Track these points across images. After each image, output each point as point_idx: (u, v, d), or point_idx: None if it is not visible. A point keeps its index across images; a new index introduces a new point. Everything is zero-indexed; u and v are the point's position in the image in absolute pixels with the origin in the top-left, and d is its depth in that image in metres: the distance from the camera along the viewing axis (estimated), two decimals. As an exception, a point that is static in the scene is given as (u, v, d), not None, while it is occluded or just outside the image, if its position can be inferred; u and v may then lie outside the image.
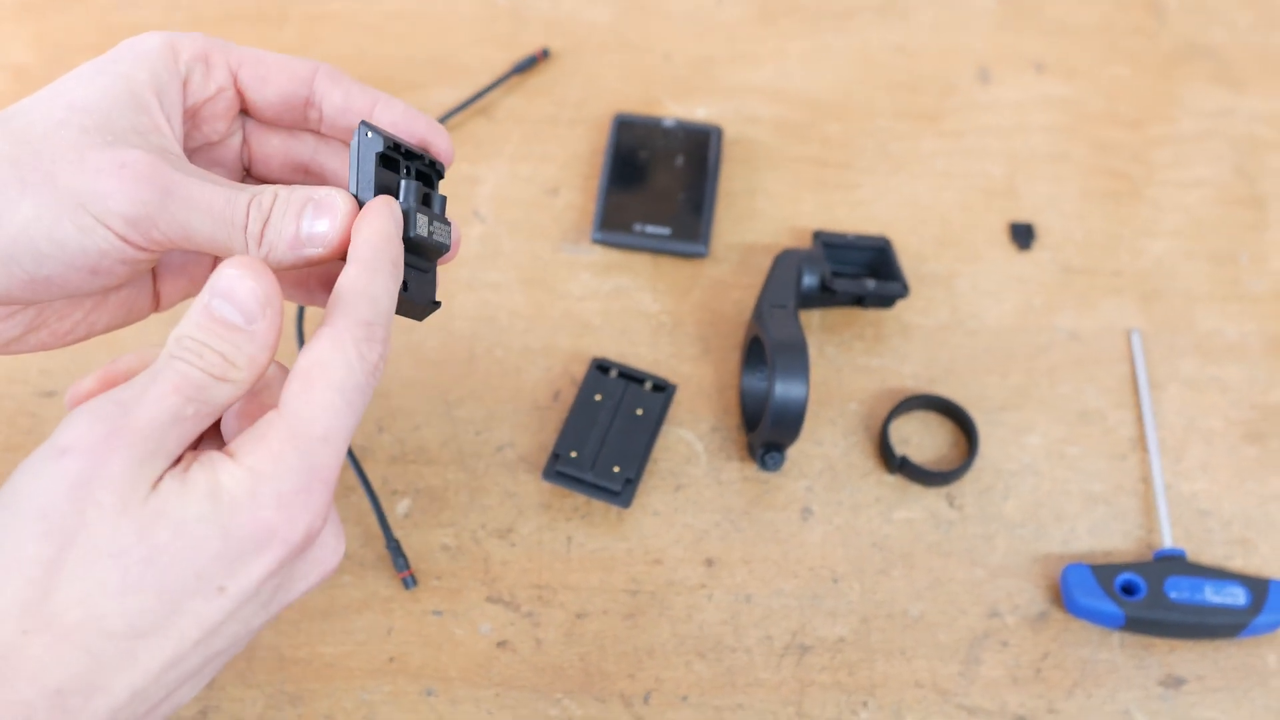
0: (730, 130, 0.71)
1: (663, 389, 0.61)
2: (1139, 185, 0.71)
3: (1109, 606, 0.56)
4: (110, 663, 0.33)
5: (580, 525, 0.59)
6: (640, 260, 0.67)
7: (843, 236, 0.66)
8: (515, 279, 0.66)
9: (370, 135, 0.40)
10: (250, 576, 0.34)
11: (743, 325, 0.65)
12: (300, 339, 0.62)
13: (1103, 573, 0.57)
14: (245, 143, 0.45)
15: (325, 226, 0.38)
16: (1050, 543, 0.60)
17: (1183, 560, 0.58)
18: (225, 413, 0.39)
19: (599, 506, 0.59)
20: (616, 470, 0.58)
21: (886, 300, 0.63)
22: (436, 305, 0.43)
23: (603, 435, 0.59)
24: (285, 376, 0.37)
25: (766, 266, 0.66)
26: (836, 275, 0.65)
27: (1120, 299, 0.67)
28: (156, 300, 0.44)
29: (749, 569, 0.58)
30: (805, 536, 0.59)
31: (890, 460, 0.60)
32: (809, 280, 0.62)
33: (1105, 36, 0.76)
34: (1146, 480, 0.61)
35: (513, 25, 0.75)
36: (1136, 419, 0.63)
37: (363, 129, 0.40)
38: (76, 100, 0.38)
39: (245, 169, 0.45)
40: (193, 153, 0.44)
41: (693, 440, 0.61)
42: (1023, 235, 0.68)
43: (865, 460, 0.61)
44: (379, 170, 0.40)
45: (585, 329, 0.64)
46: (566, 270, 0.66)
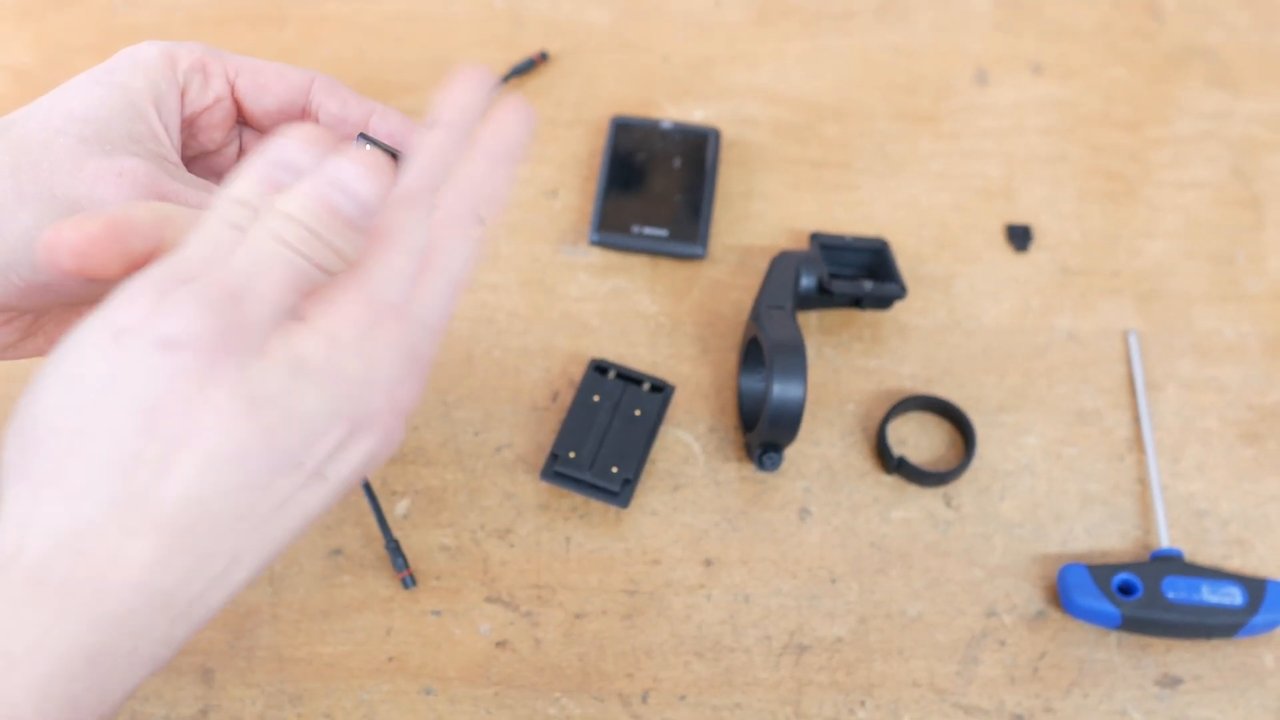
0: (728, 132, 0.71)
1: (661, 390, 0.61)
2: (1136, 186, 0.71)
3: (1106, 606, 0.56)
4: (213, 563, 0.32)
5: (579, 525, 0.59)
6: (638, 262, 0.67)
7: (840, 238, 0.66)
8: (514, 280, 0.66)
9: (369, 148, 0.40)
10: (352, 459, 0.33)
11: (740, 326, 0.65)
12: None
13: (1100, 573, 0.57)
14: (242, 152, 0.45)
15: None
16: (1048, 543, 0.60)
17: (1180, 560, 0.58)
18: None
19: (597, 507, 0.60)
20: (615, 471, 0.58)
21: (884, 301, 0.63)
22: None
23: (601, 436, 0.59)
24: None
25: (764, 268, 0.66)
26: (834, 277, 0.65)
27: (1118, 300, 0.67)
28: None
29: (747, 569, 0.58)
30: (803, 536, 0.59)
31: (888, 461, 0.60)
32: (807, 282, 0.62)
33: (1103, 38, 0.77)
34: (1144, 481, 0.62)
35: (511, 27, 0.75)
36: (1134, 419, 0.63)
37: (361, 141, 0.40)
38: (75, 109, 0.38)
39: None
40: (190, 161, 0.44)
41: (691, 441, 0.62)
42: (1020, 236, 0.69)
43: (863, 461, 0.62)
44: None
45: (583, 330, 0.65)
46: (565, 272, 0.66)
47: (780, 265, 0.62)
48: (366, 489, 0.58)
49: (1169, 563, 0.57)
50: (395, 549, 0.57)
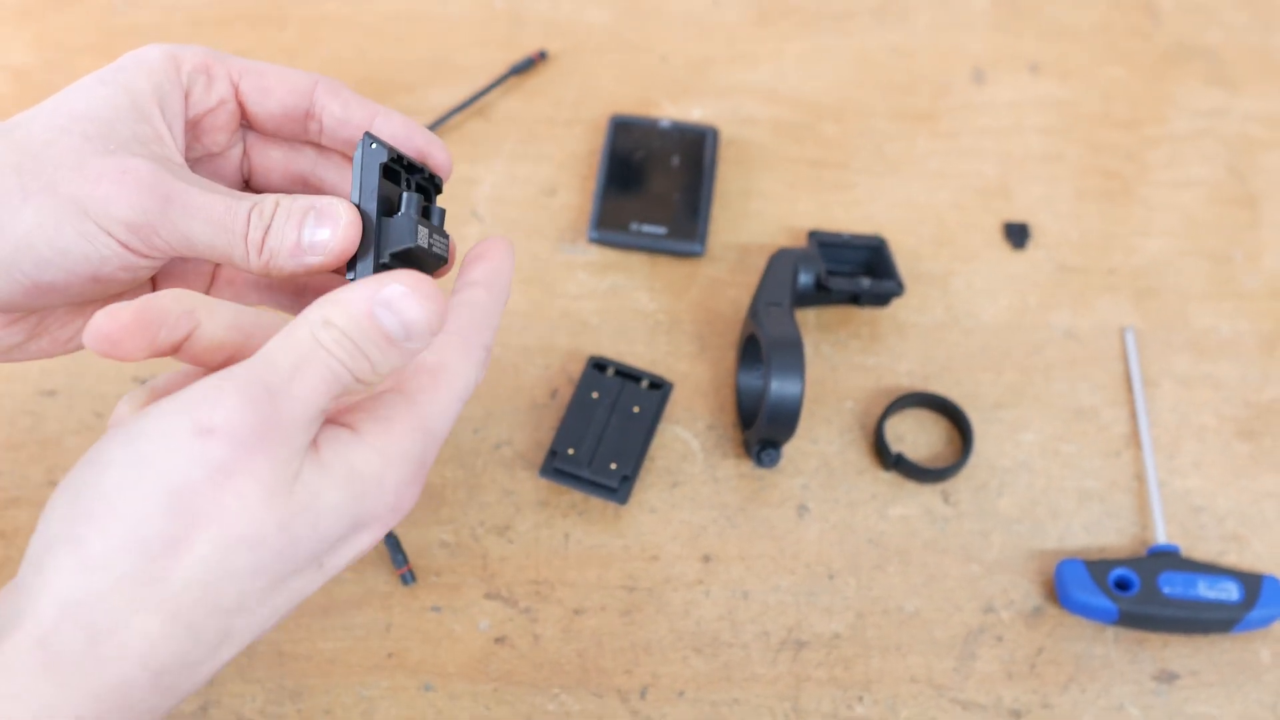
0: (727, 131, 0.72)
1: (659, 387, 0.62)
2: (1133, 185, 0.71)
3: (1103, 602, 0.56)
4: (209, 641, 0.33)
5: (578, 522, 0.59)
6: (637, 260, 0.67)
7: (838, 236, 0.66)
8: (513, 278, 0.66)
9: (374, 146, 0.40)
10: (349, 553, 0.35)
11: (739, 324, 0.65)
12: None
13: (1097, 568, 0.57)
14: (246, 155, 0.45)
15: (326, 235, 0.39)
16: (1045, 539, 0.60)
17: (1176, 556, 0.58)
18: None
19: (596, 503, 0.60)
20: (613, 467, 0.59)
21: (882, 299, 0.64)
22: None
23: (600, 433, 0.60)
24: None
25: (762, 266, 0.67)
26: (832, 274, 0.65)
27: (1115, 297, 0.67)
28: None
29: (745, 565, 0.59)
30: (801, 533, 0.60)
31: (886, 457, 0.61)
32: (805, 279, 0.62)
33: (1100, 37, 0.77)
34: (1140, 477, 0.62)
35: (510, 27, 0.75)
36: (1130, 416, 0.63)
37: (367, 140, 0.40)
38: (79, 110, 0.39)
39: (245, 181, 0.46)
40: (194, 164, 0.44)
41: (689, 438, 0.62)
42: (1017, 234, 0.69)
43: (861, 457, 0.62)
44: (381, 182, 0.40)
45: (582, 328, 0.65)
46: (564, 269, 0.67)
47: (778, 263, 0.62)
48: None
49: (1166, 558, 0.58)
50: (395, 545, 0.57)
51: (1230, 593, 0.56)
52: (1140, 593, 0.56)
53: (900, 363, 0.65)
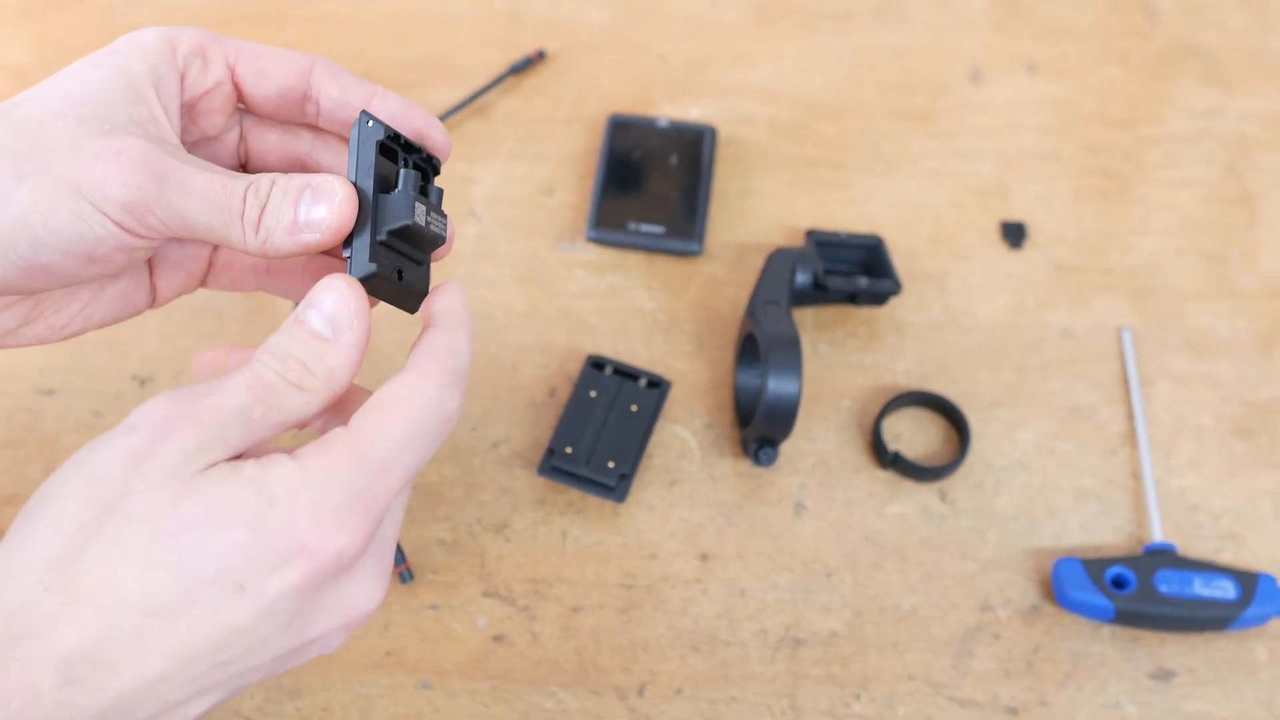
0: (725, 130, 0.72)
1: (657, 385, 0.62)
2: (1130, 184, 0.72)
3: (1100, 600, 0.56)
4: (119, 637, 0.32)
5: (575, 520, 0.59)
6: (635, 259, 0.67)
7: (835, 235, 0.66)
8: (511, 277, 0.66)
9: (371, 124, 0.40)
10: (271, 585, 0.34)
11: (736, 323, 0.65)
12: None
13: (1093, 566, 0.57)
14: (242, 138, 0.45)
15: (323, 212, 0.38)
16: (1041, 537, 0.60)
17: (1172, 554, 0.58)
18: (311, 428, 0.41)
19: (594, 502, 0.60)
20: (611, 466, 0.59)
21: (879, 298, 0.64)
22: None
23: (598, 431, 0.60)
24: None
25: (760, 265, 0.67)
26: (829, 273, 0.65)
27: (1111, 296, 0.67)
28: (153, 295, 0.45)
29: (743, 563, 0.59)
30: (799, 531, 0.60)
31: (883, 456, 0.61)
32: (802, 278, 0.63)
33: (1097, 37, 0.77)
34: (1137, 475, 0.62)
35: (509, 27, 0.75)
36: (1127, 415, 0.64)
37: (363, 118, 0.40)
38: (74, 91, 0.39)
39: (242, 164, 0.46)
40: (190, 147, 0.44)
41: (687, 436, 0.62)
42: (1014, 234, 0.69)
43: (858, 456, 0.62)
44: (378, 160, 0.40)
45: (581, 326, 0.65)
46: (562, 268, 0.67)
47: (776, 262, 0.63)
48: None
49: (1162, 556, 0.58)
50: (393, 543, 0.57)
51: (1226, 591, 0.56)
52: (1137, 591, 0.56)
53: (897, 362, 0.65)
